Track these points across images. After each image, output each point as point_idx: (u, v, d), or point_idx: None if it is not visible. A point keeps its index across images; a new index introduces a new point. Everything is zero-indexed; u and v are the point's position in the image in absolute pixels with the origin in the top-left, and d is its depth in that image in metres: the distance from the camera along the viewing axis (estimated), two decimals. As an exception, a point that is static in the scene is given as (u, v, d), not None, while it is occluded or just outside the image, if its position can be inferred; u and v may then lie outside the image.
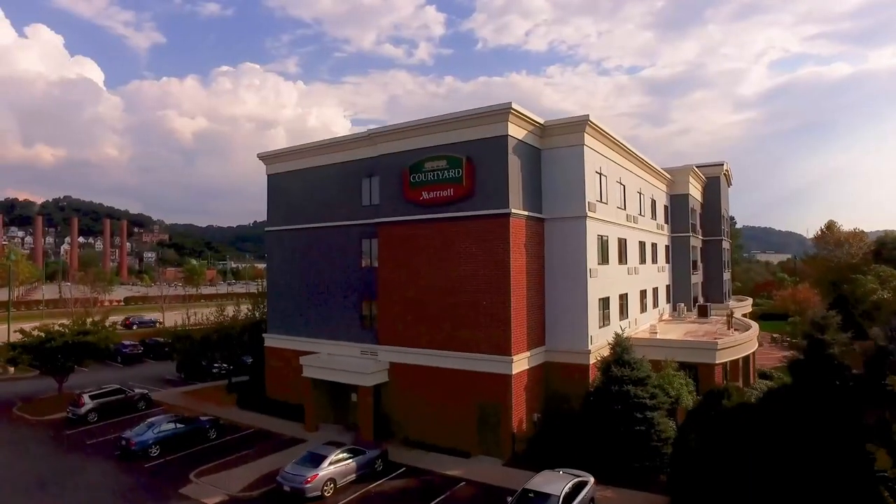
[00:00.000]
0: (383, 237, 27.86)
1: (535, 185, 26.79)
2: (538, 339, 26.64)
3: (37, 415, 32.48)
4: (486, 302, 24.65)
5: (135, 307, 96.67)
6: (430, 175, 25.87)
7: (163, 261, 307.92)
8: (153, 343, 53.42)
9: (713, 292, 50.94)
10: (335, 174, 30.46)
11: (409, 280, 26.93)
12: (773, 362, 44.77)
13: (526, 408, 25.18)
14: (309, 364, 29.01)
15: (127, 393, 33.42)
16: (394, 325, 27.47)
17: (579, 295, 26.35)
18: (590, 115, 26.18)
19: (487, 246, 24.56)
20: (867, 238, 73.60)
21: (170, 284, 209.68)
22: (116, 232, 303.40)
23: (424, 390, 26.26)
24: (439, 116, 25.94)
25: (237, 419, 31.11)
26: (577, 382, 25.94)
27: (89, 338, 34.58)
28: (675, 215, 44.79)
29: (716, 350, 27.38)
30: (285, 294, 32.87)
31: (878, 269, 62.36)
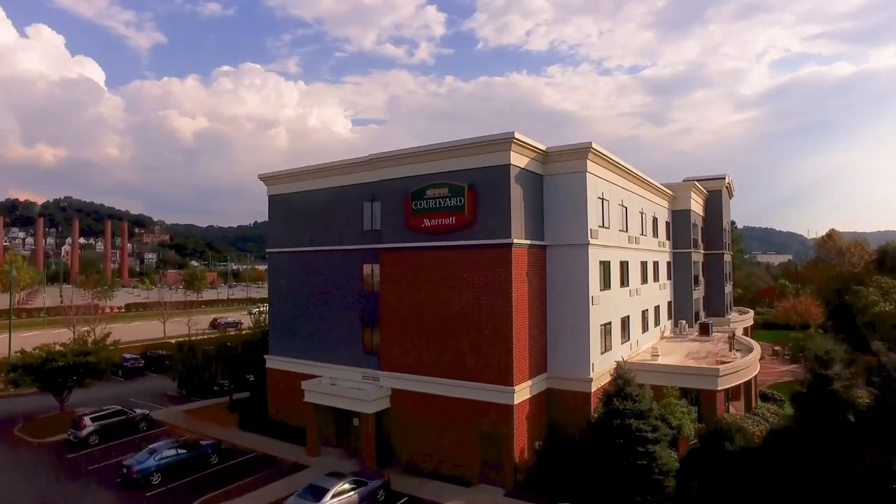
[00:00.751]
0: (385, 263, 27.81)
1: (537, 212, 26.73)
2: (540, 366, 26.61)
3: (37, 436, 32.48)
4: (489, 332, 24.61)
5: (136, 314, 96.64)
6: (432, 203, 25.81)
7: (164, 262, 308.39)
8: (154, 356, 53.43)
9: (715, 306, 50.87)
10: (336, 197, 30.42)
11: (411, 307, 26.89)
12: (774, 377, 44.79)
13: (528, 436, 25.15)
14: (311, 389, 28.98)
15: (128, 414, 33.42)
16: (396, 352, 27.43)
17: (581, 323, 26.31)
18: (592, 143, 26.12)
19: (489, 276, 24.51)
20: (869, 247, 73.51)
21: (171, 287, 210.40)
22: (117, 233, 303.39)
23: (426, 417, 26.23)
24: (441, 144, 25.88)
25: (239, 442, 31.09)
26: (579, 410, 25.94)
27: (90, 358, 34.58)
28: (677, 231, 44.73)
29: (718, 377, 27.32)
30: (287, 315, 32.84)
31: (880, 279, 62.24)
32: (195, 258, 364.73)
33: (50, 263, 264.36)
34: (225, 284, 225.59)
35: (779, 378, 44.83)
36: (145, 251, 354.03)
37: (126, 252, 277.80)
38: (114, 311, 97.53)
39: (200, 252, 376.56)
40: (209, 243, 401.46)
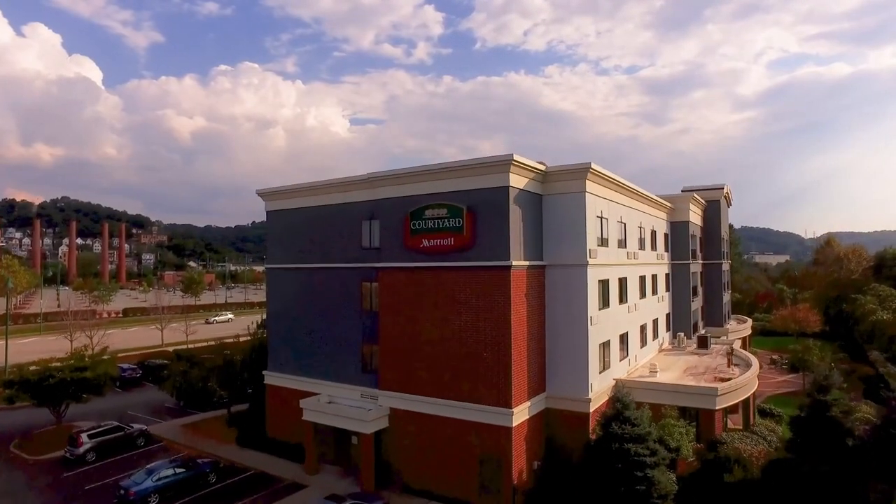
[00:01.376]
0: (384, 282, 27.75)
1: (536, 232, 26.69)
2: (539, 386, 26.58)
3: (33, 453, 32.34)
4: (487, 354, 24.57)
5: (134, 319, 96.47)
6: (431, 223, 25.75)
7: (162, 263, 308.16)
8: (152, 366, 53.22)
9: (713, 316, 50.95)
10: (335, 214, 30.33)
11: (410, 326, 26.83)
12: (772, 388, 44.83)
13: (526, 456, 25.12)
14: (309, 408, 28.91)
15: (126, 430, 33.31)
16: (395, 371, 27.38)
17: (580, 343, 26.28)
18: (591, 163, 26.08)
19: (488, 298, 24.46)
20: (866, 254, 73.70)
21: (168, 289, 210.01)
22: (115, 233, 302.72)
23: (425, 437, 26.19)
24: (440, 164, 25.85)
25: (237, 459, 31.02)
26: (578, 430, 25.93)
27: (87, 374, 34.43)
28: (676, 243, 44.73)
29: (716, 396, 27.32)
30: (285, 332, 32.75)
31: (878, 288, 62.43)
32: (193, 259, 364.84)
33: (47, 265, 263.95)
34: (223, 286, 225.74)
35: (777, 389, 44.91)
36: (143, 251, 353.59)
37: (123, 253, 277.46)
38: (111, 317, 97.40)
39: (199, 253, 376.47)
40: (208, 244, 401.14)
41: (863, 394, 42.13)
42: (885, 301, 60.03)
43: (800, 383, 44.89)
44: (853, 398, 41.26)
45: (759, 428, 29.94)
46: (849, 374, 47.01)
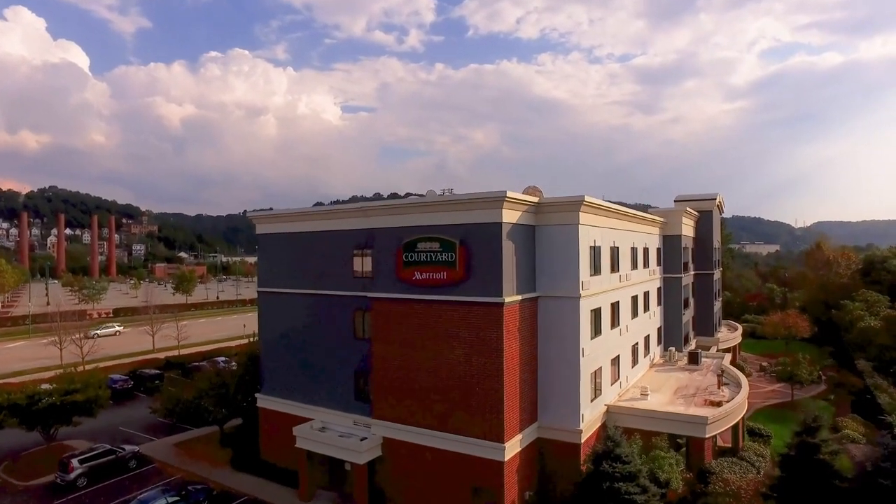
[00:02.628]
0: (376, 312, 27.68)
1: (529, 263, 26.66)
2: (531, 416, 26.74)
3: (23, 478, 32.10)
4: (479, 388, 24.65)
5: (124, 319, 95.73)
6: (424, 256, 25.65)
7: (153, 255, 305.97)
8: (144, 376, 52.94)
9: (704, 326, 51.35)
10: (327, 241, 30.13)
11: (403, 358, 26.83)
12: (761, 399, 45.30)
13: (518, 487, 25.36)
14: (303, 435, 28.93)
15: (117, 453, 33.16)
16: (388, 401, 27.43)
17: (572, 375, 26.42)
18: (585, 196, 26.03)
19: (481, 333, 24.48)
20: (855, 257, 74.36)
21: (159, 283, 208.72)
22: (104, 224, 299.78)
23: (418, 467, 26.33)
24: (433, 198, 25.85)
25: (231, 484, 31.00)
26: (569, 459, 26.20)
27: (77, 396, 34.17)
28: (668, 256, 44.87)
29: (706, 425, 27.60)
30: (278, 357, 32.66)
31: (866, 293, 63.03)
32: (184, 250, 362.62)
33: (35, 257, 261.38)
34: (214, 279, 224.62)
35: (766, 400, 45.40)
36: (133, 242, 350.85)
37: (113, 245, 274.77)
38: (101, 317, 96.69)
39: (190, 244, 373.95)
40: (199, 236, 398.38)
41: (851, 407, 42.77)
42: (873, 307, 60.73)
43: (788, 393, 45.48)
44: (840, 412, 42.03)
45: (748, 452, 30.28)
46: (836, 387, 47.77)
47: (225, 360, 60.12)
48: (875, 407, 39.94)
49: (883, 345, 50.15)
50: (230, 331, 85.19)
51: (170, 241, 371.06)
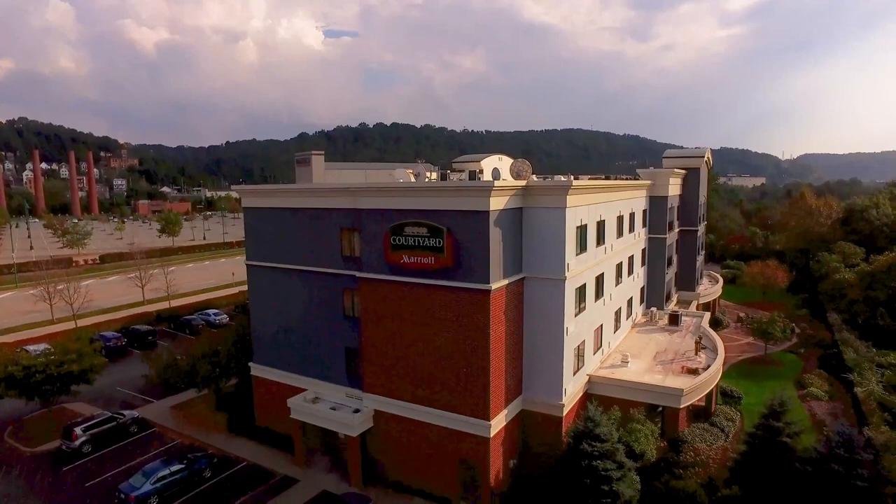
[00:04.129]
0: (365, 292, 28.07)
1: (516, 246, 26.90)
2: (516, 390, 27.97)
3: (29, 444, 33.39)
4: (467, 369, 25.57)
5: (112, 266, 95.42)
6: (412, 240, 25.73)
7: (135, 191, 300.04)
8: (137, 332, 53.60)
9: (686, 281, 52.68)
10: (315, 219, 29.91)
11: (392, 337, 27.54)
12: (736, 353, 47.32)
13: (503, 458, 26.96)
14: (297, 407, 30.08)
15: (118, 420, 34.34)
16: (378, 377, 28.41)
17: (556, 352, 27.40)
18: (573, 180, 25.89)
19: (468, 318, 25.07)
20: (836, 206, 75.41)
21: (143, 221, 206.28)
22: (82, 158, 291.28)
23: (408, 439, 27.75)
24: (422, 184, 25.64)
25: (230, 449, 32.46)
26: (552, 430, 27.78)
27: (73, 367, 34.85)
28: (654, 217, 45.29)
29: (681, 396, 29.13)
30: (270, 327, 33.25)
31: (844, 245, 64.51)
32: (167, 184, 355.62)
33: (11, 193, 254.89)
34: (199, 215, 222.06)
35: (741, 354, 47.46)
36: (113, 177, 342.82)
37: (93, 181, 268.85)
38: (88, 264, 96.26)
39: (172, 178, 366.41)
40: (181, 169, 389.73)
41: (818, 361, 44.97)
42: (849, 258, 62.47)
43: (762, 346, 47.49)
44: (808, 366, 44.29)
45: (719, 417, 32.16)
46: (806, 340, 49.98)
47: (216, 313, 61.10)
48: (841, 362, 42.10)
49: (854, 299, 52.01)
50: (219, 277, 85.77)
51: (151, 175, 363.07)
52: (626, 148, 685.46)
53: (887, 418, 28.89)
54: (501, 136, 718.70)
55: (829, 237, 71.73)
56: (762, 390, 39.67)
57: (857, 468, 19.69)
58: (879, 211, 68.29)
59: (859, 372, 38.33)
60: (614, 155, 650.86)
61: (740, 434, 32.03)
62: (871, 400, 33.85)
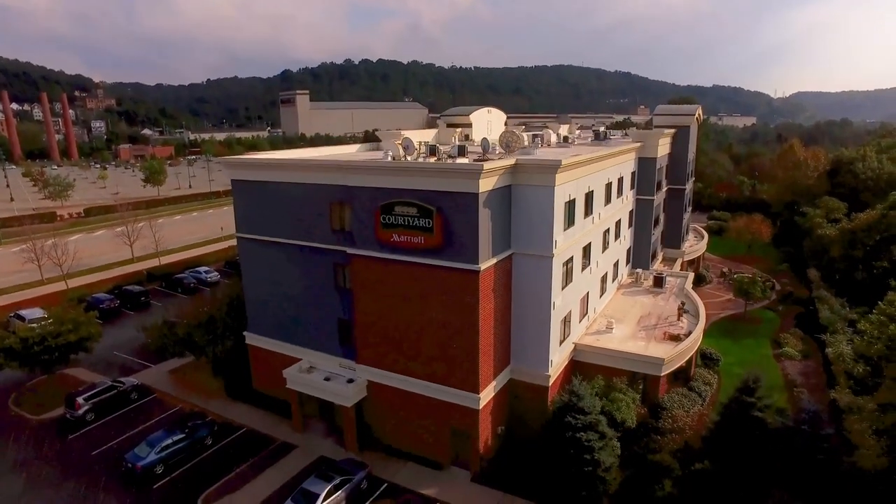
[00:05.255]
0: (356, 268, 28.44)
1: (505, 223, 27.15)
2: (504, 361, 29.08)
3: (34, 412, 34.40)
4: (456, 344, 26.44)
5: (98, 220, 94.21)
6: (402, 220, 25.88)
7: (115, 135, 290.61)
8: (129, 293, 53.91)
9: (672, 239, 53.47)
10: (306, 193, 29.71)
11: (383, 311, 28.19)
12: (717, 310, 48.92)
13: (492, 426, 28.42)
14: (292, 377, 31.09)
15: (118, 388, 35.26)
16: (371, 349, 29.30)
17: (543, 326, 28.29)
18: (562, 160, 25.85)
19: (457, 297, 25.65)
20: (824, 158, 75.62)
21: (126, 167, 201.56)
22: (55, 98, 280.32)
23: (401, 408, 29.03)
24: (412, 164, 25.53)
25: (229, 415, 33.69)
26: (539, 399, 29.16)
27: (70, 337, 35.41)
28: (642, 179, 45.38)
29: (662, 365, 30.46)
30: (263, 299, 33.70)
31: (828, 200, 65.27)
32: (148, 126, 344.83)
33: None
34: (184, 160, 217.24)
35: (722, 311, 49.03)
36: (91, 119, 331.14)
37: (70, 123, 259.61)
38: (73, 217, 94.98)
39: (153, 119, 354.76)
40: (162, 109, 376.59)
41: (795, 319, 46.71)
42: (832, 213, 63.40)
43: (742, 303, 49.00)
44: (786, 324, 46.05)
45: (697, 382, 33.76)
46: (785, 298, 51.59)
47: (207, 271, 61.46)
48: (817, 320, 43.74)
49: (835, 256, 53.27)
50: (207, 231, 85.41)
51: (131, 116, 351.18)
52: (617, 85, 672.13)
53: (851, 385, 30.47)
54: (491, 73, 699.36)
55: (815, 190, 72.41)
56: (741, 349, 41.57)
57: (820, 443, 21.15)
58: (865, 164, 68.65)
59: (832, 332, 39.96)
60: (605, 92, 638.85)
61: (717, 396, 33.91)
62: (840, 361, 35.56)
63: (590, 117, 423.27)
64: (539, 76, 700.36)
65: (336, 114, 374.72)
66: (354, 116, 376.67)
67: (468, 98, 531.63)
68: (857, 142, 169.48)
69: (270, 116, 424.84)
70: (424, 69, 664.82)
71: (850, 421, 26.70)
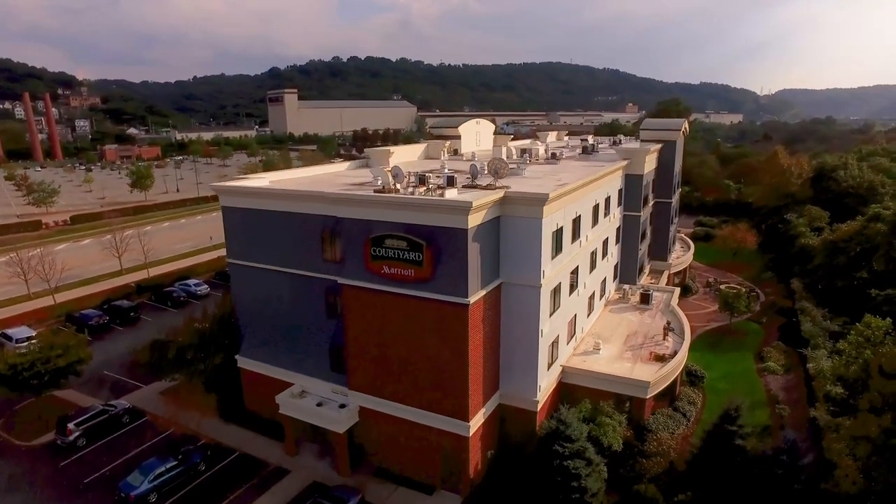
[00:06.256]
0: (347, 297, 28.75)
1: (494, 253, 27.59)
2: (493, 387, 29.58)
3: (23, 438, 34.32)
4: (447, 374, 26.88)
5: (84, 227, 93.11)
6: (392, 252, 26.23)
7: (101, 134, 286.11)
8: (118, 308, 53.70)
9: (659, 250, 54.20)
10: (297, 222, 29.92)
11: (374, 339, 28.56)
12: (703, 323, 49.78)
13: (482, 451, 28.95)
14: (285, 403, 31.38)
15: (110, 412, 35.28)
16: (362, 376, 29.67)
17: (531, 353, 28.82)
18: (550, 193, 26.32)
19: (447, 328, 26.07)
20: (808, 165, 76.86)
21: (112, 168, 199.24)
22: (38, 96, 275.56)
23: (393, 432, 29.45)
24: (402, 198, 25.83)
25: (221, 438, 33.83)
26: (527, 423, 29.74)
27: (59, 362, 35.34)
28: (629, 195, 46.00)
29: (647, 387, 31.13)
30: (255, 324, 33.89)
31: (811, 209, 66.44)
32: (134, 124, 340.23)
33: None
34: (171, 161, 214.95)
35: (707, 323, 49.82)
36: (75, 117, 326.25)
37: (53, 122, 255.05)
38: (59, 225, 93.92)
39: (140, 117, 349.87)
40: (149, 106, 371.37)
41: (778, 331, 47.63)
42: (815, 221, 64.63)
43: (728, 315, 49.82)
44: (769, 336, 46.97)
45: (682, 402, 34.48)
46: (769, 309, 52.58)
47: (196, 284, 61.30)
48: (800, 333, 44.64)
49: (818, 265, 54.38)
50: (196, 239, 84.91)
51: (117, 115, 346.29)
52: (606, 82, 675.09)
53: (829, 407, 31.25)
54: (480, 70, 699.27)
55: (800, 196, 73.74)
56: (725, 363, 42.42)
57: (798, 473, 21.89)
58: (847, 172, 69.94)
59: (813, 346, 40.90)
60: (594, 89, 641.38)
61: (701, 414, 34.69)
62: (821, 377, 36.46)
63: (579, 115, 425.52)
64: (529, 73, 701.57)
65: (324, 112, 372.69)
66: (343, 115, 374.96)
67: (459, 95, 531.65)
68: (841, 140, 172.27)
69: (259, 113, 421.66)
70: (413, 66, 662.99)
71: (828, 440, 27.60)
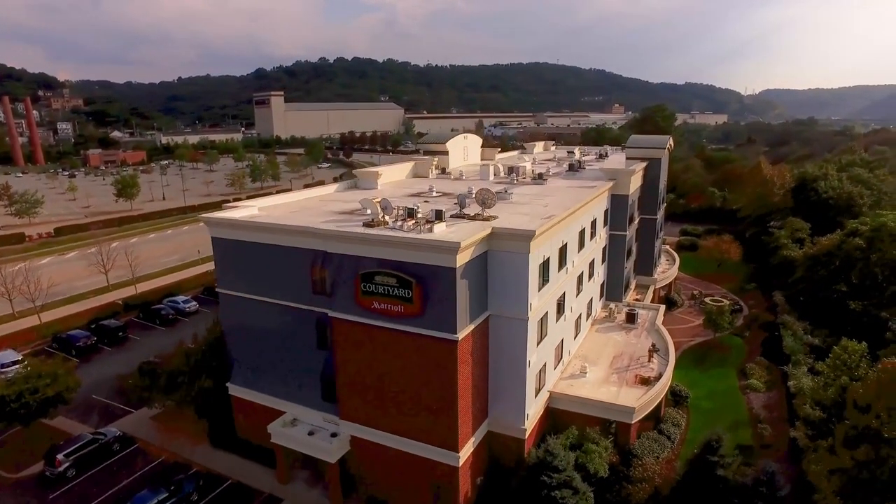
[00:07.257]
0: (338, 331, 29.09)
1: (481, 288, 28.09)
2: (482, 416, 30.09)
3: (12, 470, 34.17)
4: (436, 406, 27.35)
5: (69, 240, 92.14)
6: (382, 288, 26.62)
7: (83, 137, 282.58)
8: (106, 328, 53.42)
9: (644, 266, 55.05)
10: (285, 255, 30.16)
11: (365, 371, 28.93)
12: (687, 338, 50.71)
13: (471, 479, 29.46)
14: (276, 432, 31.64)
15: (100, 441, 35.27)
16: (353, 406, 30.02)
17: (519, 383, 29.38)
18: (537, 229, 26.88)
19: (436, 362, 26.52)
20: (790, 175, 78.34)
21: (97, 174, 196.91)
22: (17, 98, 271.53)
23: (384, 461, 29.84)
24: (391, 236, 26.21)
25: (213, 465, 34.03)
26: (515, 450, 30.32)
27: (48, 391, 35.24)
28: (615, 215, 46.71)
29: (633, 413, 31.84)
30: (247, 353, 34.02)
31: (793, 221, 67.77)
32: (118, 127, 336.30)
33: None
34: (157, 165, 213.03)
35: (692, 338, 50.71)
36: (57, 120, 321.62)
37: (34, 126, 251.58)
38: (42, 237, 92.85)
39: (124, 120, 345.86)
40: (133, 108, 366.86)
41: (761, 346, 48.65)
42: (796, 233, 65.98)
43: (711, 336, 50.65)
44: (752, 351, 47.99)
45: (666, 424, 35.23)
46: (751, 323, 53.65)
47: (185, 301, 61.12)
48: (782, 348, 45.65)
49: (799, 277, 55.56)
50: (184, 251, 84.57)
51: (101, 118, 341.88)
52: (592, 83, 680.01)
53: (808, 432, 32.05)
54: (467, 71, 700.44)
55: (782, 205, 75.29)
56: (709, 380, 43.36)
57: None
58: (827, 183, 71.45)
59: (794, 362, 41.93)
60: (581, 90, 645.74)
61: (686, 435, 35.50)
62: (801, 394, 37.44)
63: (566, 116, 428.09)
64: (516, 74, 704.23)
65: (311, 115, 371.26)
66: (330, 117, 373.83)
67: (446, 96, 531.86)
68: (823, 143, 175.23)
69: (245, 115, 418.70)
70: (400, 66, 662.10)
71: (808, 461, 28.47)
